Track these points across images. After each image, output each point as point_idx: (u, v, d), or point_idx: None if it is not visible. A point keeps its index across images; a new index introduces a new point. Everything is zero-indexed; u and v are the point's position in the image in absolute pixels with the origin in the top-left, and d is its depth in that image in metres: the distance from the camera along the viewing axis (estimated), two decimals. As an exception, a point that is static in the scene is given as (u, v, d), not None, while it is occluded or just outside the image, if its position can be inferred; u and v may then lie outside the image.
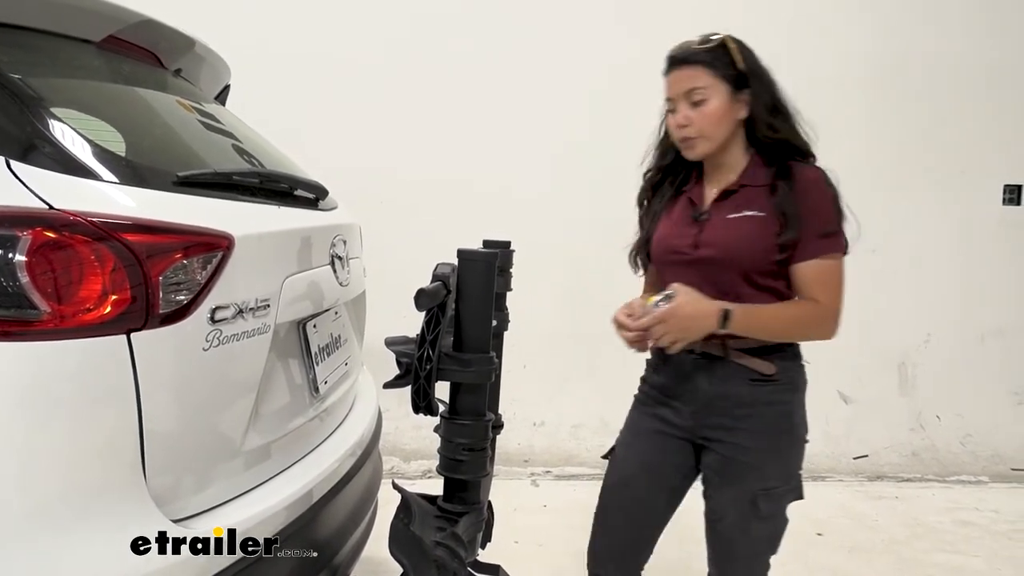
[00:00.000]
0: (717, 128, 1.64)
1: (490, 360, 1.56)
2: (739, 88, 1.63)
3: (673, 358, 1.71)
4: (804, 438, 1.72)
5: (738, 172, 1.69)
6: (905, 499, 3.85)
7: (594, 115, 3.97)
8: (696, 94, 1.62)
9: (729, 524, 1.69)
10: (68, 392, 1.14)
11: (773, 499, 1.67)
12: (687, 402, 1.72)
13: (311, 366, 1.73)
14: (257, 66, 3.13)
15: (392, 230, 3.77)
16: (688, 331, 1.55)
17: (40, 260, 1.12)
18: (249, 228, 1.44)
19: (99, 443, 1.18)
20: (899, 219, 4.22)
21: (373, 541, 1.96)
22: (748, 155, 1.69)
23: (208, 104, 2.05)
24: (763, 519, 1.66)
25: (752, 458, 1.64)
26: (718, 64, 1.62)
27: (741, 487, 1.65)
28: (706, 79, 1.62)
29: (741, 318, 1.56)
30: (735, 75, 1.63)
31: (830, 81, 4.14)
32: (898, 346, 4.26)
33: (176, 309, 1.25)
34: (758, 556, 1.72)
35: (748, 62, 1.64)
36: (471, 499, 1.59)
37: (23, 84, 1.36)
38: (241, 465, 1.47)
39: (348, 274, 1.95)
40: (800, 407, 1.72)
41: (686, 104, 1.64)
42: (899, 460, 4.19)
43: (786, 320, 1.63)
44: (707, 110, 1.62)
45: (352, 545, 1.80)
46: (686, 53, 1.64)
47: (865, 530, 3.43)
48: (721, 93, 1.62)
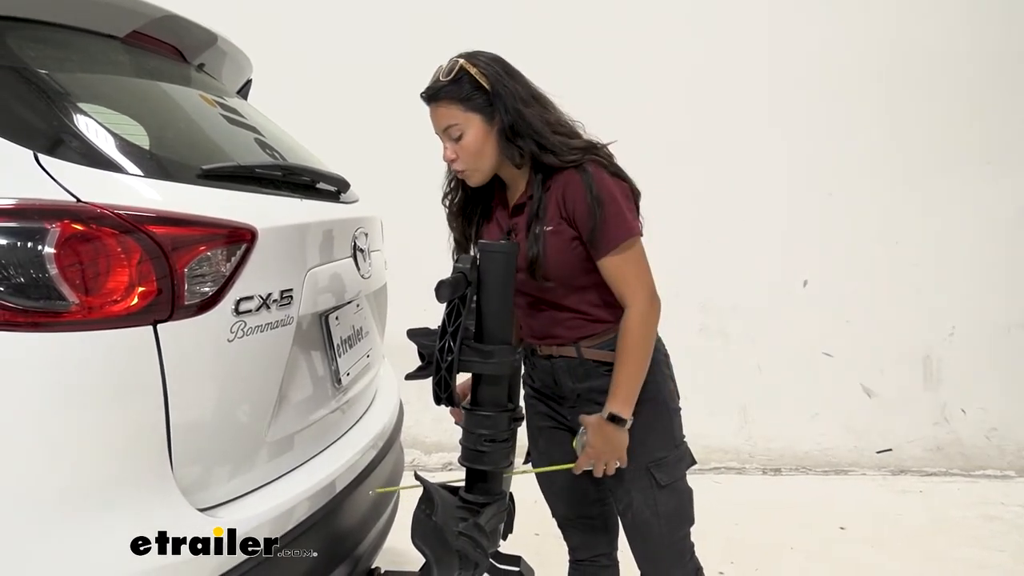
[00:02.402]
0: (479, 159, 1.66)
1: (511, 351, 1.56)
2: (493, 110, 1.63)
3: (538, 362, 1.81)
4: (675, 406, 1.78)
5: (524, 184, 1.73)
6: (929, 493, 3.81)
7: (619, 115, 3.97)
8: (453, 130, 1.65)
9: (637, 507, 1.74)
10: (96, 382, 1.15)
11: (665, 468, 1.73)
12: (560, 400, 1.81)
13: (333, 358, 1.74)
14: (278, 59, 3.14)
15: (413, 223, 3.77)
16: (613, 452, 1.63)
17: (68, 252, 1.13)
18: (272, 221, 1.45)
19: (127, 432, 1.19)
20: (923, 211, 4.18)
21: (395, 532, 1.97)
22: (530, 167, 1.70)
23: (230, 98, 2.06)
24: (664, 489, 1.73)
25: (632, 435, 1.66)
26: (464, 93, 1.63)
27: (631, 465, 1.69)
28: (457, 114, 1.64)
29: (625, 401, 1.62)
30: (485, 98, 1.63)
31: (855, 73, 4.10)
32: (922, 339, 4.21)
33: (201, 301, 1.26)
34: (674, 531, 1.78)
35: (492, 79, 1.63)
36: (493, 490, 1.60)
37: (50, 79, 1.38)
38: (265, 456, 1.48)
39: (370, 266, 1.95)
40: (662, 380, 1.75)
41: (448, 139, 1.67)
42: (923, 454, 4.15)
43: (633, 355, 1.63)
44: (465, 144, 1.65)
45: (374, 536, 1.81)
46: (433, 90, 1.66)
47: (888, 524, 3.40)
48: (474, 123, 1.64)
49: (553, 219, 1.64)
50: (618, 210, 1.62)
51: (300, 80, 3.90)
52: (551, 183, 1.66)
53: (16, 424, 1.11)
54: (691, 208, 4.06)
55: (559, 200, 1.64)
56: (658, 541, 1.76)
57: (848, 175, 4.19)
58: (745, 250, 4.20)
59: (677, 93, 4.15)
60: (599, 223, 1.60)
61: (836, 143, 4.17)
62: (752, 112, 4.16)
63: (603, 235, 1.61)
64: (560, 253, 1.64)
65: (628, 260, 1.63)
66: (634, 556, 1.82)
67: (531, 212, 1.67)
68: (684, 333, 4.11)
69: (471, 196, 1.81)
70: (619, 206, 1.63)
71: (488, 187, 1.77)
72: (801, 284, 4.21)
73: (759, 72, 4.14)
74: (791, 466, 4.12)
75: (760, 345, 4.21)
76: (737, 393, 4.22)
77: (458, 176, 1.74)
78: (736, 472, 4.08)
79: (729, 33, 4.13)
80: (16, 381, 1.11)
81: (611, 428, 1.62)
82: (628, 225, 1.63)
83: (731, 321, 4.23)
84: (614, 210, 1.61)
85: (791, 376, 4.19)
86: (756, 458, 4.15)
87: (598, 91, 3.79)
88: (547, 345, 1.77)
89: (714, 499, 3.58)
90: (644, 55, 4.14)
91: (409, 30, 4.02)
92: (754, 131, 4.16)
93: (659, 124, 4.06)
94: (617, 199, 1.63)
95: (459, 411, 1.68)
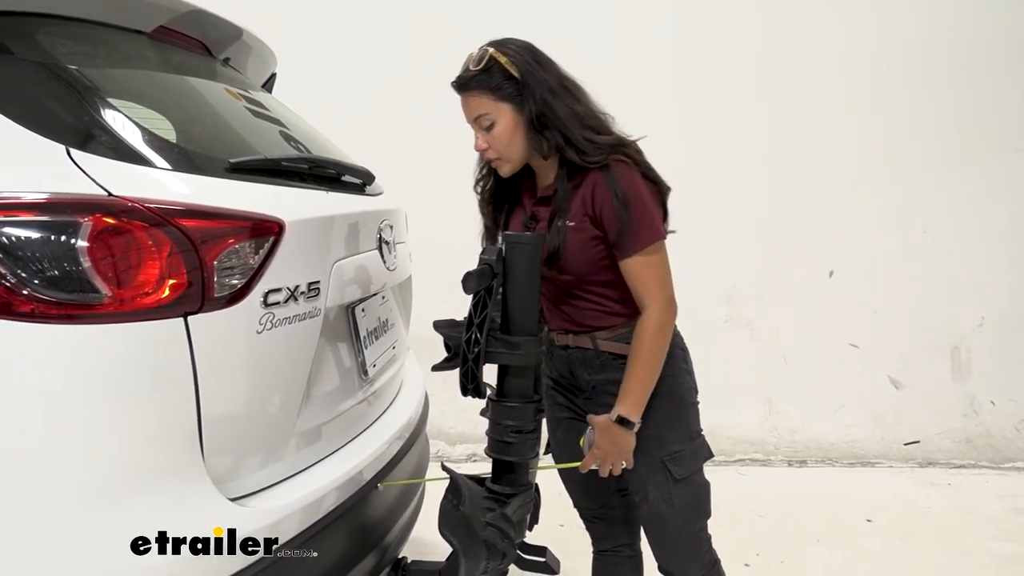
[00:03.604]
0: (510, 148, 1.66)
1: (538, 342, 1.56)
2: (523, 99, 1.62)
3: (555, 352, 1.81)
4: (692, 400, 1.77)
5: (552, 175, 1.71)
6: (958, 486, 3.76)
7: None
8: (483, 120, 1.64)
9: (653, 500, 1.74)
10: (129, 373, 1.17)
11: (681, 462, 1.72)
12: (577, 391, 1.82)
13: (360, 349, 1.75)
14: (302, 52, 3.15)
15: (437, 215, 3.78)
16: (620, 453, 1.64)
17: (100, 245, 1.15)
18: (298, 213, 1.46)
19: (158, 422, 1.21)
20: (951, 199, 4.12)
21: (422, 522, 1.98)
22: (558, 157, 1.68)
23: (255, 92, 2.08)
24: (679, 482, 1.72)
25: (648, 429, 1.66)
26: (494, 82, 1.62)
27: (647, 458, 1.69)
28: (487, 104, 1.63)
29: (635, 405, 1.61)
30: (515, 88, 1.62)
31: (885, 59, 4.04)
32: (951, 329, 4.16)
33: (230, 293, 1.28)
34: (690, 524, 1.77)
35: (521, 68, 1.62)
36: (519, 480, 1.60)
37: (80, 75, 1.40)
38: (294, 446, 1.50)
39: (395, 259, 1.96)
40: (680, 374, 1.75)
41: (479, 129, 1.67)
42: (952, 446, 4.10)
43: (646, 360, 1.62)
44: (496, 133, 1.65)
45: (401, 526, 1.82)
46: (464, 79, 1.65)
47: (916, 517, 3.36)
48: (504, 113, 1.63)
49: (577, 215, 1.64)
50: (645, 213, 1.62)
51: (324, 73, 3.91)
52: (579, 179, 1.65)
53: (51, 413, 1.13)
54: (716, 198, 4.03)
55: (586, 198, 1.63)
56: (674, 533, 1.76)
57: (875, 163, 4.13)
58: (771, 240, 4.16)
59: (703, 82, 4.11)
60: (625, 225, 1.60)
61: (863, 131, 4.12)
62: (779, 101, 4.11)
63: (628, 237, 1.61)
64: (580, 250, 1.64)
65: (650, 264, 1.63)
66: (651, 548, 1.83)
67: (555, 205, 1.66)
68: (709, 324, 4.10)
69: (502, 183, 1.81)
70: (646, 209, 1.62)
71: (520, 174, 1.76)
72: (827, 274, 4.17)
73: (787, 60, 4.10)
74: (817, 458, 4.09)
75: (785, 336, 4.18)
76: (762, 384, 4.19)
77: (490, 165, 1.74)
78: (761, 464, 4.05)
79: (758, 18, 4.09)
80: (51, 372, 1.13)
81: (618, 430, 1.62)
82: (653, 229, 1.62)
83: (756, 312, 4.19)
84: (641, 213, 1.61)
85: (817, 367, 4.16)
86: (781, 450, 4.12)
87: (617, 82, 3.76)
88: (564, 335, 1.77)
89: (739, 491, 3.58)
90: (666, 43, 4.11)
91: (433, 21, 4.02)
92: (780, 120, 4.12)
93: (684, 115, 4.04)
94: (644, 201, 1.62)
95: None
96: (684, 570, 1.80)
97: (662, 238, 1.64)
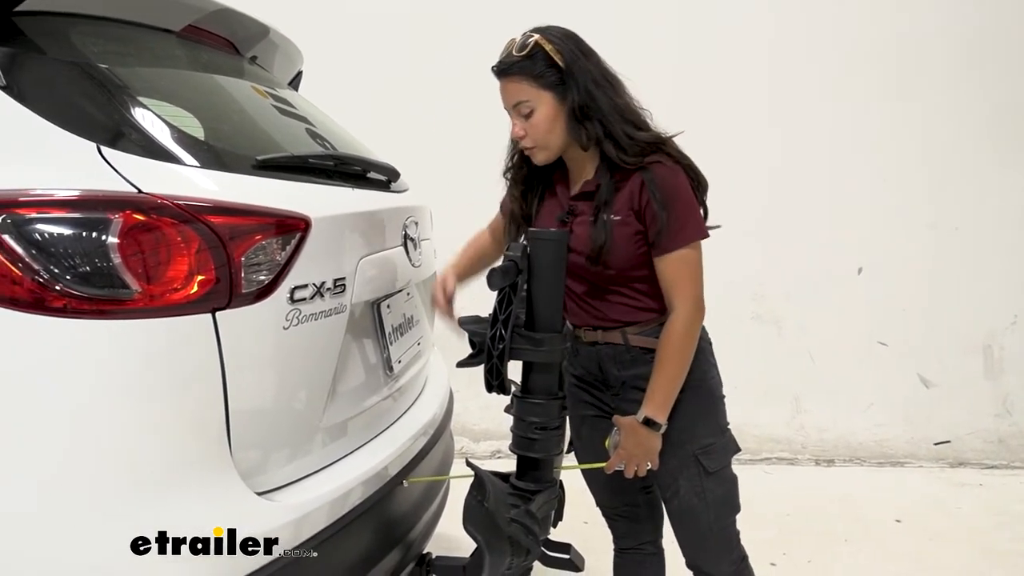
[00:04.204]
0: (549, 136, 1.63)
1: (562, 339, 1.56)
2: (565, 89, 1.60)
3: (581, 349, 1.79)
4: (720, 394, 1.77)
5: (593, 169, 1.68)
6: (990, 487, 3.70)
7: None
8: (523, 107, 1.62)
9: (684, 494, 1.73)
10: (158, 368, 1.18)
11: (713, 455, 1.72)
12: (605, 387, 1.79)
13: (385, 346, 1.76)
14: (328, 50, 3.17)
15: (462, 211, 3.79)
16: (645, 454, 1.63)
17: (131, 242, 1.16)
18: (325, 210, 1.47)
19: (187, 417, 1.22)
20: (983, 195, 4.04)
21: (446, 518, 1.99)
22: (598, 151, 1.66)
23: (282, 89, 2.09)
24: (712, 476, 1.72)
25: (679, 423, 1.66)
26: (537, 69, 1.59)
27: (679, 452, 1.69)
28: (529, 91, 1.60)
29: (662, 406, 1.61)
30: (558, 76, 1.59)
31: (915, 55, 3.98)
32: (983, 328, 4.08)
33: (258, 289, 1.29)
34: (722, 519, 1.76)
35: (567, 57, 1.59)
36: (544, 477, 1.60)
37: (111, 74, 1.42)
38: (320, 441, 1.51)
39: (420, 255, 1.97)
40: (708, 368, 1.75)
41: (518, 116, 1.64)
42: (983, 446, 4.03)
43: (673, 360, 1.62)
44: (535, 121, 1.62)
45: (426, 521, 1.83)
46: (506, 64, 1.62)
47: (946, 517, 3.31)
48: (546, 101, 1.60)
49: (623, 210, 1.62)
50: (689, 210, 1.61)
51: (351, 70, 3.93)
52: (622, 174, 1.63)
53: (82, 407, 1.15)
54: (744, 195, 3.99)
55: (633, 191, 1.61)
56: (705, 528, 1.75)
57: (905, 159, 4.07)
58: (798, 237, 4.11)
59: (727, 79, 4.08)
60: (669, 221, 1.58)
61: (892, 127, 4.05)
62: (807, 96, 4.07)
63: (667, 235, 1.59)
64: (626, 244, 1.63)
65: (688, 261, 1.61)
66: (679, 544, 1.82)
67: (599, 200, 1.64)
68: (736, 321, 4.07)
69: (532, 173, 1.79)
70: (690, 206, 1.61)
71: (551, 165, 1.74)
72: (856, 271, 4.12)
73: (815, 54, 4.05)
74: (845, 457, 4.05)
75: (813, 334, 4.13)
76: (789, 382, 4.15)
77: (524, 152, 1.71)
78: (788, 463, 4.01)
79: (791, 11, 4.04)
80: (83, 366, 1.14)
81: (644, 431, 1.61)
82: (694, 228, 1.61)
83: (784, 309, 4.15)
84: (685, 210, 1.60)
85: (845, 365, 4.10)
86: (808, 448, 4.08)
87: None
88: (593, 331, 1.76)
89: (765, 490, 3.55)
90: (695, 39, 4.08)
91: (459, 18, 4.02)
92: (809, 116, 4.07)
93: (712, 113, 4.00)
94: (688, 199, 1.61)
95: None
96: (714, 565, 1.79)
97: (705, 236, 1.63)
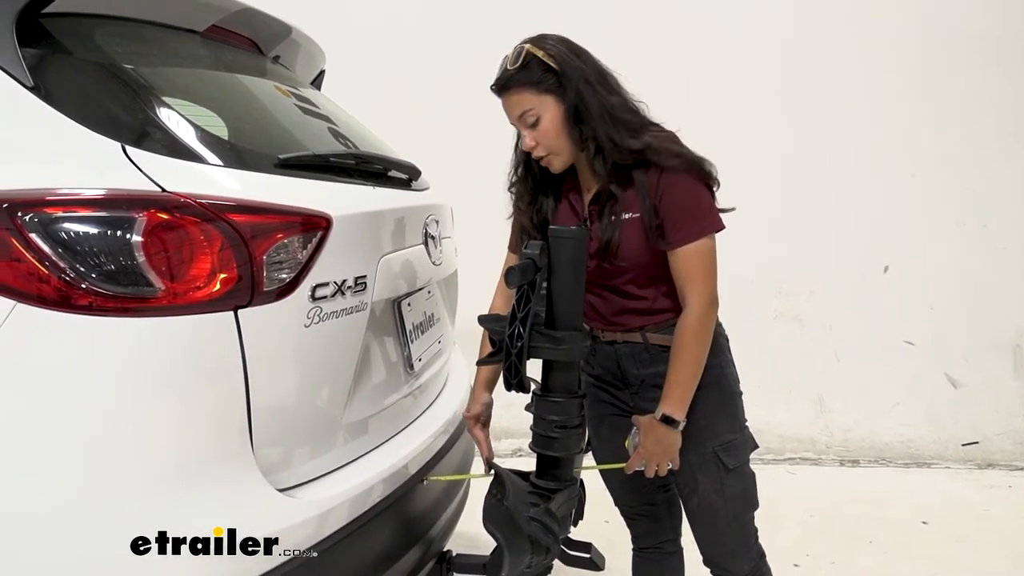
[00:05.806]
0: (559, 141, 1.62)
1: (582, 337, 1.55)
2: (564, 90, 1.59)
3: (600, 348, 1.78)
4: (738, 390, 1.77)
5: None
6: (1019, 489, 3.64)
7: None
8: (528, 116, 1.61)
9: (703, 491, 1.73)
10: (181, 365, 1.20)
11: (733, 452, 1.72)
12: (624, 386, 1.79)
13: (406, 344, 1.76)
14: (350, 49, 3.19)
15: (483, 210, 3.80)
16: (665, 453, 1.63)
17: (154, 240, 1.18)
18: (346, 208, 1.48)
19: (210, 414, 1.24)
20: (1011, 192, 3.98)
21: (466, 516, 1.99)
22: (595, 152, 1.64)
23: (304, 89, 2.10)
24: (731, 472, 1.72)
25: (698, 420, 1.66)
26: (534, 77, 1.58)
27: (699, 449, 1.69)
28: (530, 99, 1.59)
29: (679, 402, 1.60)
30: (556, 79, 1.58)
31: (942, 51, 3.92)
32: (1011, 326, 4.01)
33: (279, 287, 1.30)
34: (741, 515, 1.77)
35: (559, 59, 1.58)
36: (564, 476, 1.60)
37: (136, 74, 1.44)
38: (341, 439, 1.52)
39: (440, 253, 1.97)
40: (726, 364, 1.75)
41: (525, 127, 1.63)
42: (1013, 447, 3.96)
43: (688, 356, 1.61)
44: (543, 128, 1.61)
45: (446, 519, 1.83)
46: (503, 79, 1.62)
47: (974, 519, 3.27)
48: (548, 105, 1.59)
49: (634, 206, 1.62)
50: (696, 206, 1.60)
51: (372, 70, 3.94)
52: (632, 173, 1.62)
53: (107, 404, 1.16)
54: (767, 192, 3.96)
55: (643, 188, 1.61)
56: (725, 525, 1.75)
57: (932, 156, 4.01)
58: (823, 234, 4.07)
59: (750, 74, 4.04)
60: (682, 214, 1.58)
61: (918, 123, 4.00)
62: (834, 92, 4.02)
63: (678, 229, 1.59)
64: (637, 240, 1.62)
65: (701, 254, 1.60)
66: (697, 541, 1.81)
67: (605, 197, 1.65)
68: (759, 319, 4.03)
69: (541, 181, 1.78)
70: (697, 202, 1.60)
71: (559, 176, 1.73)
72: (882, 270, 4.07)
73: (841, 50, 4.00)
74: (870, 457, 4.00)
75: (837, 332, 4.09)
76: (813, 381, 4.10)
77: (541, 163, 1.69)
78: (811, 463, 3.97)
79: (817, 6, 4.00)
80: (108, 363, 1.16)
81: (663, 429, 1.60)
82: (708, 221, 1.61)
83: (808, 307, 4.11)
84: (692, 206, 1.59)
85: (870, 364, 4.06)
86: (833, 448, 4.04)
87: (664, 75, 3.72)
88: (612, 331, 1.75)
89: (789, 490, 3.52)
90: (715, 34, 4.05)
91: (478, 18, 4.02)
92: (834, 112, 4.03)
93: (736, 109, 3.97)
94: (698, 194, 1.61)
95: None
96: (733, 562, 1.78)
97: (718, 229, 1.62)
